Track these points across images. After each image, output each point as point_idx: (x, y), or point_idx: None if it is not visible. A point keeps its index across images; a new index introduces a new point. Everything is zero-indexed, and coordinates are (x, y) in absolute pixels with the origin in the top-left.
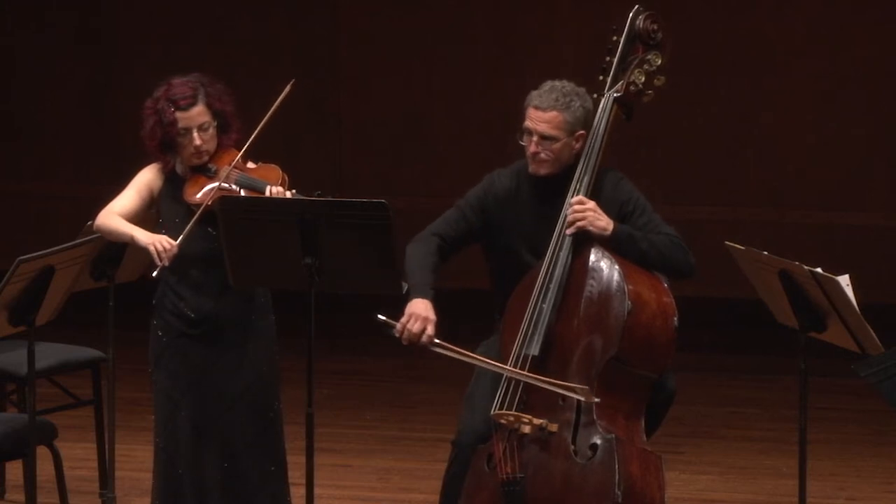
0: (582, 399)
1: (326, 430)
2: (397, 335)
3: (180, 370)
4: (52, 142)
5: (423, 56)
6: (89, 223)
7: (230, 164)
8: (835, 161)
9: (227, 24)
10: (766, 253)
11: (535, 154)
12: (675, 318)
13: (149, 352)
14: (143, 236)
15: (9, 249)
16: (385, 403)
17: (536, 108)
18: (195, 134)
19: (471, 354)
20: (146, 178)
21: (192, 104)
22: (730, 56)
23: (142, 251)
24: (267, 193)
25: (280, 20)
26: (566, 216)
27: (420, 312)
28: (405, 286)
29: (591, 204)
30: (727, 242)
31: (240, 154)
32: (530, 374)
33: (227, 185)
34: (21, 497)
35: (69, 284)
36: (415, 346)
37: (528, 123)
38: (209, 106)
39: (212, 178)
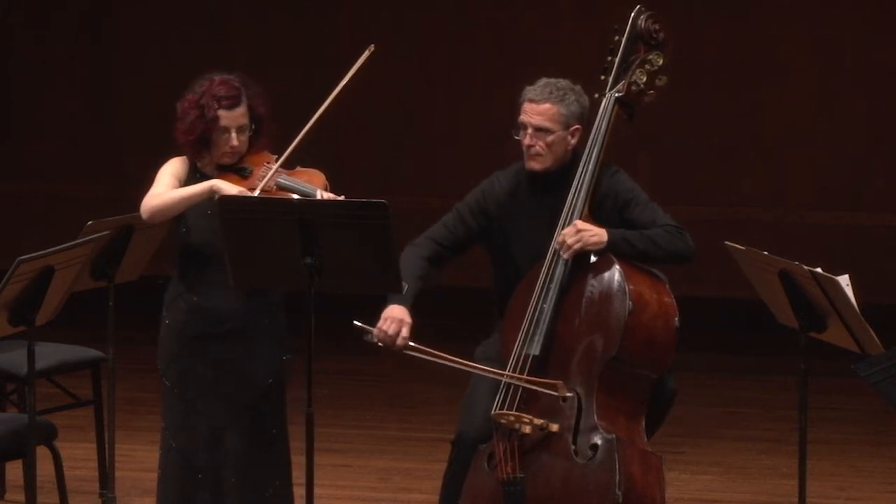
0: (556, 394)
1: (326, 430)
2: (375, 340)
3: (197, 370)
4: (52, 142)
5: (423, 56)
6: (89, 223)
7: (265, 165)
8: (835, 161)
9: (227, 24)
10: (766, 253)
11: (530, 147)
12: (676, 319)
13: (159, 351)
14: (225, 185)
15: (9, 249)
16: (385, 403)
17: (531, 101)
18: (233, 134)
19: (444, 356)
20: (175, 170)
21: (236, 104)
22: (730, 56)
23: (143, 249)
24: (318, 197)
25: (280, 20)
26: (564, 226)
27: (396, 315)
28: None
29: (578, 225)
30: (727, 242)
31: (282, 158)
32: (499, 372)
33: (270, 186)
34: (21, 497)
35: (69, 284)
36: (391, 349)
37: (522, 117)
38: (250, 109)
39: (246, 178)
